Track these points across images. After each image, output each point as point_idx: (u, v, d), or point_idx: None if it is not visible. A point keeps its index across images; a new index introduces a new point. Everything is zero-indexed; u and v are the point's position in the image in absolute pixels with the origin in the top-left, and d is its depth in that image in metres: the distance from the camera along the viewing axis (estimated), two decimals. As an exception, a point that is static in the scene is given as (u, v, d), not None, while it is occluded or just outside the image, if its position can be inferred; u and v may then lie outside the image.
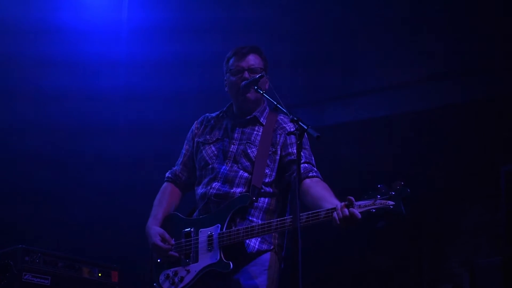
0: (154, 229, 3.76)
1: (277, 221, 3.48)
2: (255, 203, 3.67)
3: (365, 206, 3.24)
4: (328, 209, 3.36)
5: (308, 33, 6.19)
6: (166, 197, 3.95)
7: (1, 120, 6.32)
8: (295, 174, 3.60)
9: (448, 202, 6.39)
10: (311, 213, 3.39)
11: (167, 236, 3.72)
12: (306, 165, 3.68)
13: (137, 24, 6.38)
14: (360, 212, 3.23)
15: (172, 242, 3.71)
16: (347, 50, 6.27)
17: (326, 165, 4.01)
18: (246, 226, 3.56)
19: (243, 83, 3.77)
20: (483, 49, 5.89)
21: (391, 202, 3.19)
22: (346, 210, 3.26)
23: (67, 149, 6.56)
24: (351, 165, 6.30)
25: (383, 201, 3.20)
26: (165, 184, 4.01)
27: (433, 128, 6.26)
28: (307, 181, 3.62)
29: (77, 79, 6.43)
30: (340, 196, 3.41)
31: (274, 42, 5.93)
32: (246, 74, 3.80)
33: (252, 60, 3.83)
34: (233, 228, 3.59)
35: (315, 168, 3.69)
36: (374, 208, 3.21)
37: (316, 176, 3.66)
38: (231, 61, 3.88)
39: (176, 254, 3.68)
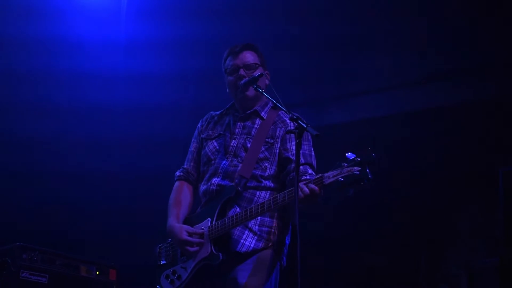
0: (178, 226, 3.71)
1: (258, 206, 3.49)
2: (255, 198, 3.66)
3: (334, 176, 3.23)
4: (291, 189, 3.38)
5: (307, 33, 6.20)
6: (182, 195, 3.91)
7: (3, 130, 6.30)
8: (289, 176, 3.63)
9: (445, 203, 6.38)
10: (287, 191, 3.42)
11: (191, 229, 3.68)
12: (301, 167, 3.65)
13: (134, 35, 6.39)
14: (330, 183, 3.24)
15: (199, 231, 3.66)
16: (346, 50, 6.27)
17: (324, 165, 4.01)
18: (231, 215, 3.57)
19: (242, 81, 3.77)
20: (482, 50, 5.90)
21: (357, 168, 3.16)
22: (304, 187, 3.28)
23: (63, 156, 6.55)
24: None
25: (350, 168, 3.18)
26: (177, 183, 3.97)
27: (431, 129, 6.26)
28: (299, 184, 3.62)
29: (76, 62, 6.40)
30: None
31: (274, 42, 5.94)
32: (242, 72, 3.81)
33: (247, 57, 3.84)
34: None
35: (310, 171, 3.65)
36: (342, 177, 3.19)
37: (310, 180, 3.65)
38: (227, 61, 3.90)
39: (197, 248, 3.64)
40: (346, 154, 3.22)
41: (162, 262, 3.82)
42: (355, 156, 3.20)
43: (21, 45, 6.12)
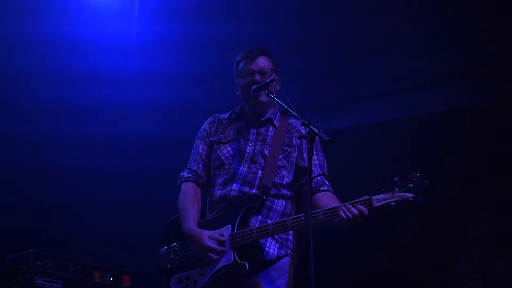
0: (198, 231, 3.64)
1: (292, 219, 3.48)
2: (274, 206, 3.68)
3: (384, 199, 3.26)
4: (335, 207, 3.38)
5: (318, 38, 6.21)
6: (195, 198, 3.83)
7: (15, 131, 6.33)
8: (306, 186, 3.62)
9: (459, 205, 6.36)
10: (328, 209, 3.40)
11: (214, 235, 3.63)
12: (318, 178, 3.72)
13: (146, 37, 6.42)
14: (379, 206, 3.26)
15: (220, 238, 3.61)
16: (356, 55, 6.28)
17: (336, 169, 4.02)
18: (260, 226, 3.55)
19: (254, 87, 3.78)
20: (495, 52, 5.88)
21: (410, 195, 3.21)
22: (352, 208, 3.29)
23: (76, 159, 6.57)
24: (361, 169, 6.29)
25: (402, 194, 3.23)
26: (188, 184, 3.88)
27: (444, 131, 6.25)
28: (318, 195, 3.66)
29: (86, 90, 6.46)
30: (349, 199, 3.41)
31: (287, 47, 5.95)
32: (257, 77, 3.82)
33: (262, 62, 3.86)
34: (245, 228, 3.58)
35: (326, 182, 3.72)
36: (393, 201, 3.24)
37: (328, 190, 3.69)
38: (241, 64, 3.90)
39: (219, 256, 3.60)
40: (395, 178, 3.26)
41: (174, 265, 3.77)
42: (404, 180, 3.25)
43: (30, 45, 6.16)
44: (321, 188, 3.68)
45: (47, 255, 4.83)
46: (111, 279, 5.15)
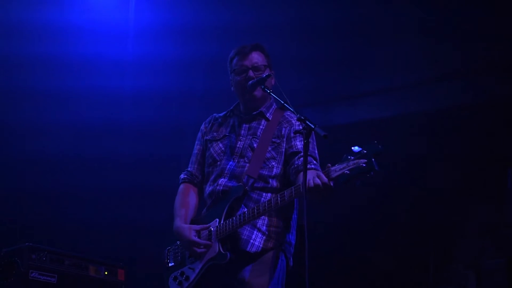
0: (185, 227, 3.71)
1: (264, 203, 3.49)
2: (262, 199, 3.66)
3: (340, 169, 3.23)
4: (296, 185, 3.39)
5: (315, 34, 6.20)
6: (187, 197, 3.89)
7: (9, 121, 6.32)
8: (293, 166, 3.64)
9: (453, 203, 6.37)
10: (280, 194, 3.42)
11: (199, 228, 3.68)
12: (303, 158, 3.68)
13: (143, 25, 6.40)
14: (336, 176, 3.24)
15: (206, 232, 3.66)
16: (354, 50, 6.27)
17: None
18: (239, 214, 3.57)
19: (250, 82, 3.77)
20: (491, 50, 5.88)
21: (363, 160, 3.16)
22: (316, 178, 3.28)
23: (73, 150, 6.56)
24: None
25: (356, 161, 3.18)
26: (182, 185, 3.96)
27: (439, 129, 6.25)
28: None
29: (83, 79, 6.44)
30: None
31: (282, 42, 5.93)
32: (251, 73, 3.80)
33: (255, 58, 3.83)
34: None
35: (314, 161, 3.67)
36: (348, 169, 3.20)
37: (314, 169, 3.63)
38: (234, 60, 3.88)
39: (204, 250, 3.65)
40: (352, 147, 3.23)
41: (170, 264, 3.82)
42: (361, 149, 3.20)
43: (24, 32, 6.12)
44: (308, 167, 3.62)
45: (42, 248, 4.83)
46: (106, 273, 5.14)
